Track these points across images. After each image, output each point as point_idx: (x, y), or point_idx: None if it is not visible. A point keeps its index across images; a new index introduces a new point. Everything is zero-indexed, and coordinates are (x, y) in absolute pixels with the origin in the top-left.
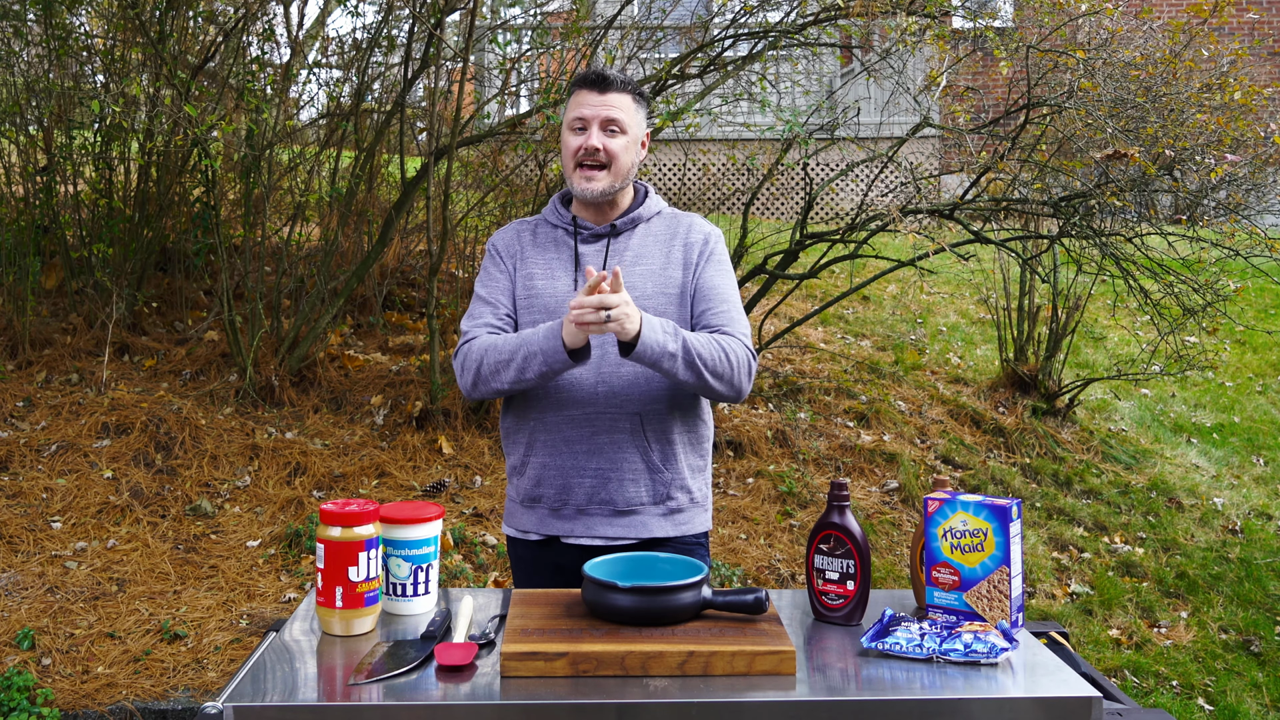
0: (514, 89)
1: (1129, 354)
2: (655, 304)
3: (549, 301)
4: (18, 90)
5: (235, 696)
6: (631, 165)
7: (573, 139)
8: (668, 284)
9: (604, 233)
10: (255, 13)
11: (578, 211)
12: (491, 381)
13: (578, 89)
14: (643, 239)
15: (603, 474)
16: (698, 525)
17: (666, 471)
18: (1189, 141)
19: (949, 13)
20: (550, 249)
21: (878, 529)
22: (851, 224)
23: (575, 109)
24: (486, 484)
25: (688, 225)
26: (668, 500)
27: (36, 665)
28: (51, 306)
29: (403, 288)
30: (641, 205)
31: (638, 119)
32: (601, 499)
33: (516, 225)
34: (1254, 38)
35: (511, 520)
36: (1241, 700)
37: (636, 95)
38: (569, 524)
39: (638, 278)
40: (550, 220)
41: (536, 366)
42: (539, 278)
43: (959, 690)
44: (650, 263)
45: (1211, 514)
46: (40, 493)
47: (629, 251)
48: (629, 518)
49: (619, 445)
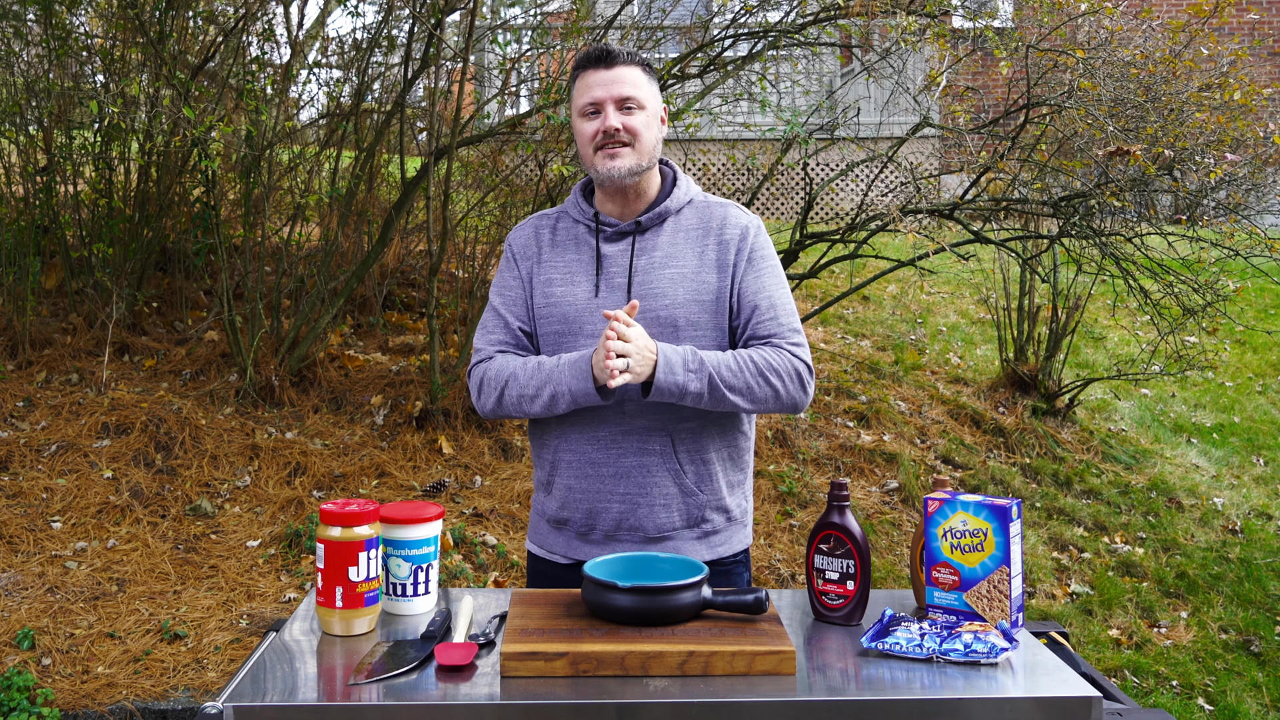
0: (514, 89)
1: (1129, 354)
2: (687, 312)
3: (568, 310)
4: (18, 90)
5: (235, 696)
6: (656, 143)
7: (587, 125)
8: (701, 289)
9: (629, 230)
10: (255, 13)
11: (601, 205)
12: (514, 411)
13: (582, 71)
14: (672, 235)
15: (631, 499)
16: (736, 544)
17: (701, 494)
18: (1189, 141)
19: (949, 12)
20: (570, 249)
21: (878, 529)
22: (851, 224)
23: (584, 93)
24: (486, 484)
25: (722, 218)
26: (702, 523)
27: (36, 665)
28: (51, 306)
29: (403, 288)
30: (670, 195)
31: (653, 92)
32: (630, 525)
33: (535, 220)
34: (1254, 38)
35: (537, 537)
36: (1241, 700)
37: (646, 67)
38: (597, 550)
39: (667, 282)
40: (572, 215)
41: (565, 405)
42: (558, 283)
43: (959, 690)
44: (682, 264)
45: (1211, 514)
46: (40, 493)
47: (658, 251)
48: (660, 544)
49: (648, 469)
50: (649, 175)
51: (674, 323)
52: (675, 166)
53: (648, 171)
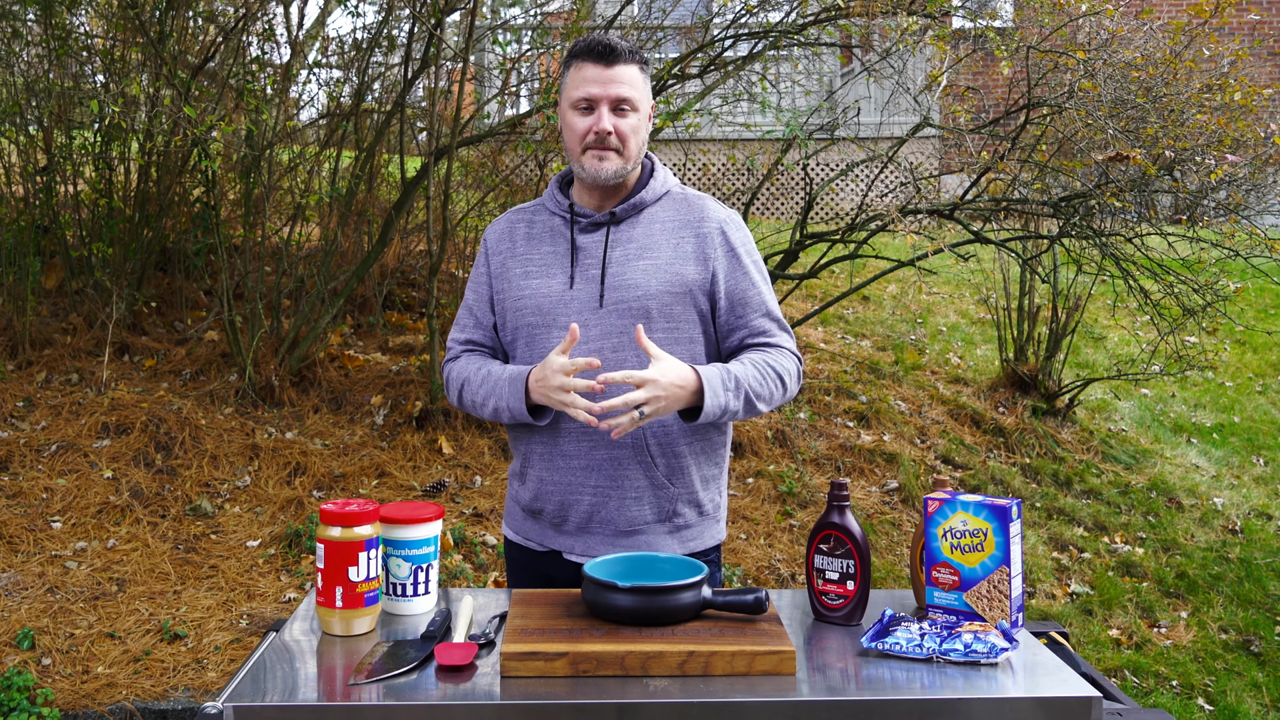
0: (514, 89)
1: (1129, 354)
2: (660, 303)
3: (542, 302)
4: (18, 90)
5: (235, 696)
6: (643, 144)
7: (579, 120)
8: (675, 281)
9: (603, 221)
10: (255, 13)
11: (577, 196)
12: (472, 413)
13: (581, 60)
14: (647, 227)
15: (602, 492)
16: (708, 540)
17: (673, 487)
18: (1189, 142)
19: (949, 13)
20: (546, 241)
21: (878, 529)
22: (851, 224)
23: (579, 86)
24: (486, 484)
25: (699, 213)
26: (674, 517)
27: (36, 665)
28: (51, 306)
29: (403, 288)
30: (646, 187)
31: (646, 92)
32: (602, 518)
33: (512, 215)
34: (1254, 38)
35: (513, 523)
36: (1241, 700)
37: (642, 64)
38: (570, 540)
39: (641, 273)
40: (548, 207)
41: (506, 418)
42: (534, 275)
43: (959, 690)
44: (656, 256)
45: (1211, 514)
46: (40, 493)
47: (632, 242)
48: (633, 538)
49: (619, 462)
50: (632, 171)
51: (647, 313)
52: (654, 158)
53: (630, 171)
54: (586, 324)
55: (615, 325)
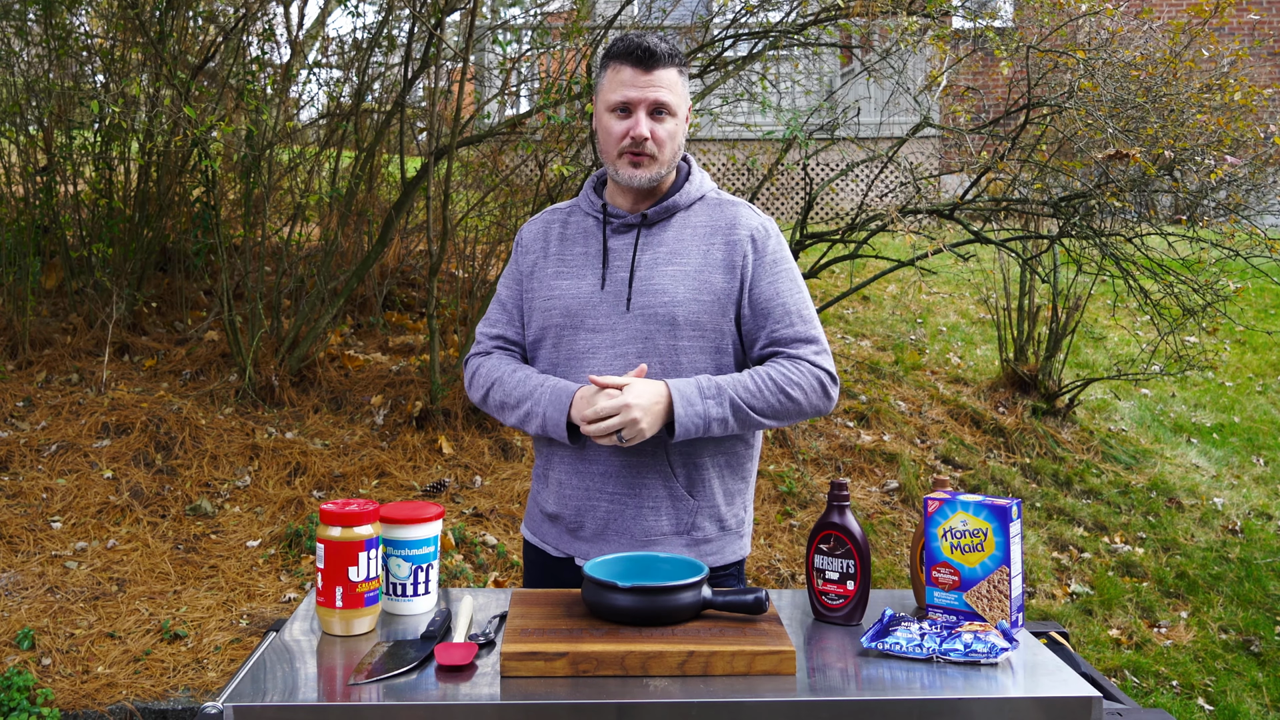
0: (514, 89)
1: (1129, 354)
2: (687, 310)
3: (571, 303)
4: (18, 90)
5: (235, 696)
6: (679, 149)
7: (615, 124)
8: (703, 288)
9: (635, 222)
10: (255, 13)
11: (610, 197)
12: (495, 414)
13: (619, 63)
14: (679, 231)
15: (620, 499)
16: (729, 555)
17: (693, 499)
18: (1189, 142)
19: (949, 13)
20: (579, 241)
21: (878, 529)
22: (851, 224)
23: (617, 89)
24: (486, 484)
25: (732, 218)
26: (693, 530)
27: (36, 665)
28: (51, 306)
29: (403, 288)
30: (680, 190)
31: (684, 94)
32: (619, 527)
33: (547, 214)
34: (1254, 38)
35: (532, 525)
36: (1241, 700)
37: (681, 66)
38: (586, 546)
39: (669, 279)
40: (583, 207)
41: (535, 426)
42: (565, 275)
43: (959, 690)
44: (685, 262)
45: (1211, 514)
46: (40, 493)
47: (663, 246)
48: (648, 549)
49: (639, 469)
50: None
51: (673, 320)
52: (692, 160)
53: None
54: (614, 327)
55: (641, 330)
